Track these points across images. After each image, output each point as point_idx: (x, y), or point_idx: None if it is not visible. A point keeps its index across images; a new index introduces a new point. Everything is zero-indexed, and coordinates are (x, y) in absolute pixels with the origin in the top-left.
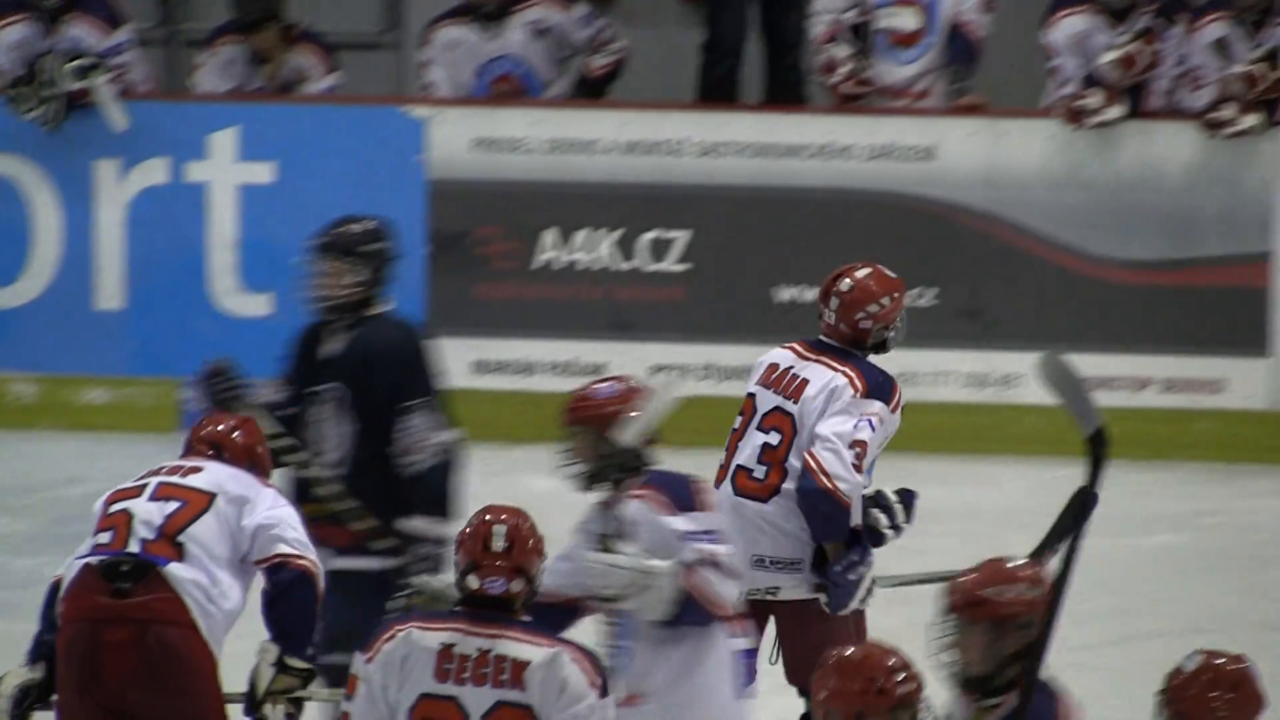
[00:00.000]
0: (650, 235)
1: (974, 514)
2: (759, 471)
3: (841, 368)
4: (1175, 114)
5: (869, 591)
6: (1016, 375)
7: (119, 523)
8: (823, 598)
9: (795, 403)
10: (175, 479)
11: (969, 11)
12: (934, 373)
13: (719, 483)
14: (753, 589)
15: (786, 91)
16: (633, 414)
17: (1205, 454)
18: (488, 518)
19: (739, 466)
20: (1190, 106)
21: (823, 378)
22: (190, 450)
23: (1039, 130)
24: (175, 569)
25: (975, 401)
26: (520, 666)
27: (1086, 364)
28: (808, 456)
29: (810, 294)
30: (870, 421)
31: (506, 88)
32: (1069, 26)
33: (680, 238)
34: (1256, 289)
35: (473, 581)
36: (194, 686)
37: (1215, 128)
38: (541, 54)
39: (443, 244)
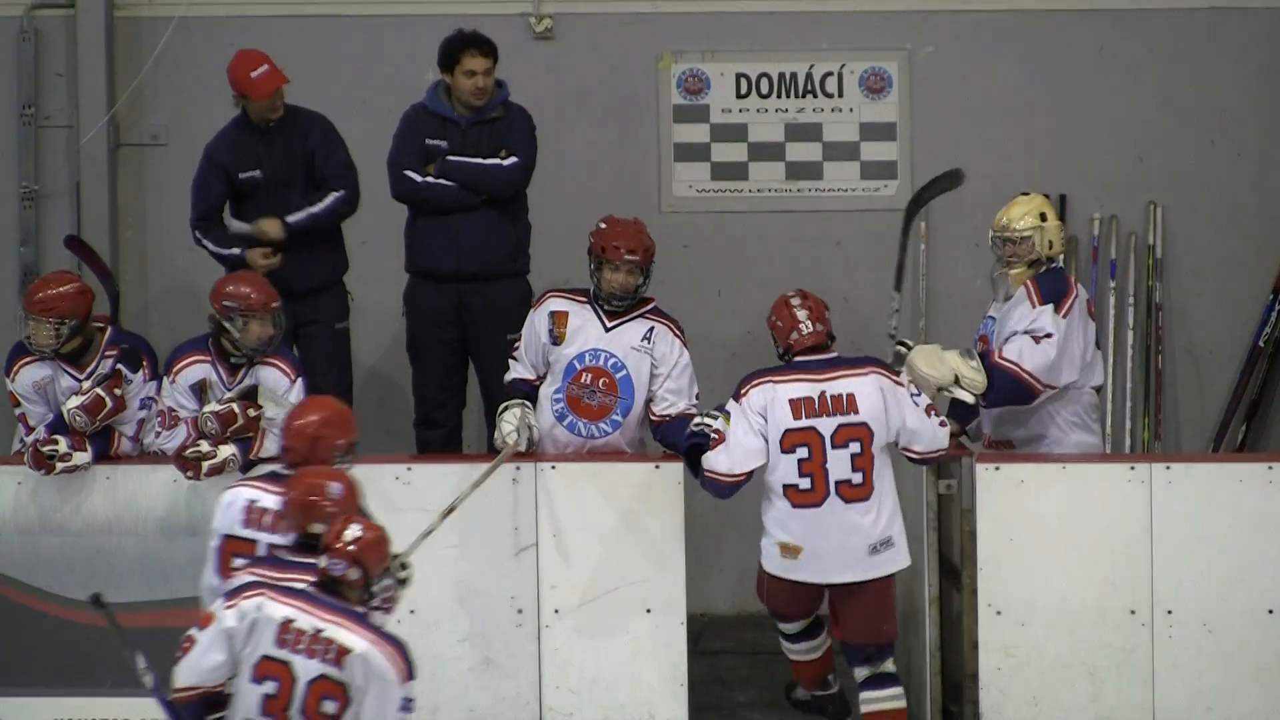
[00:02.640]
0: None
1: None
2: (857, 478)
3: (862, 370)
4: None
5: None
6: None
7: None
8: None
9: (859, 414)
10: None
11: None
12: None
13: (820, 500)
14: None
15: None
16: None
17: None
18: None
19: (837, 481)
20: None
21: (863, 384)
22: None
23: None
24: None
25: None
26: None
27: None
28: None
29: None
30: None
31: None
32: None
33: None
34: None
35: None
36: None
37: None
38: None
39: None
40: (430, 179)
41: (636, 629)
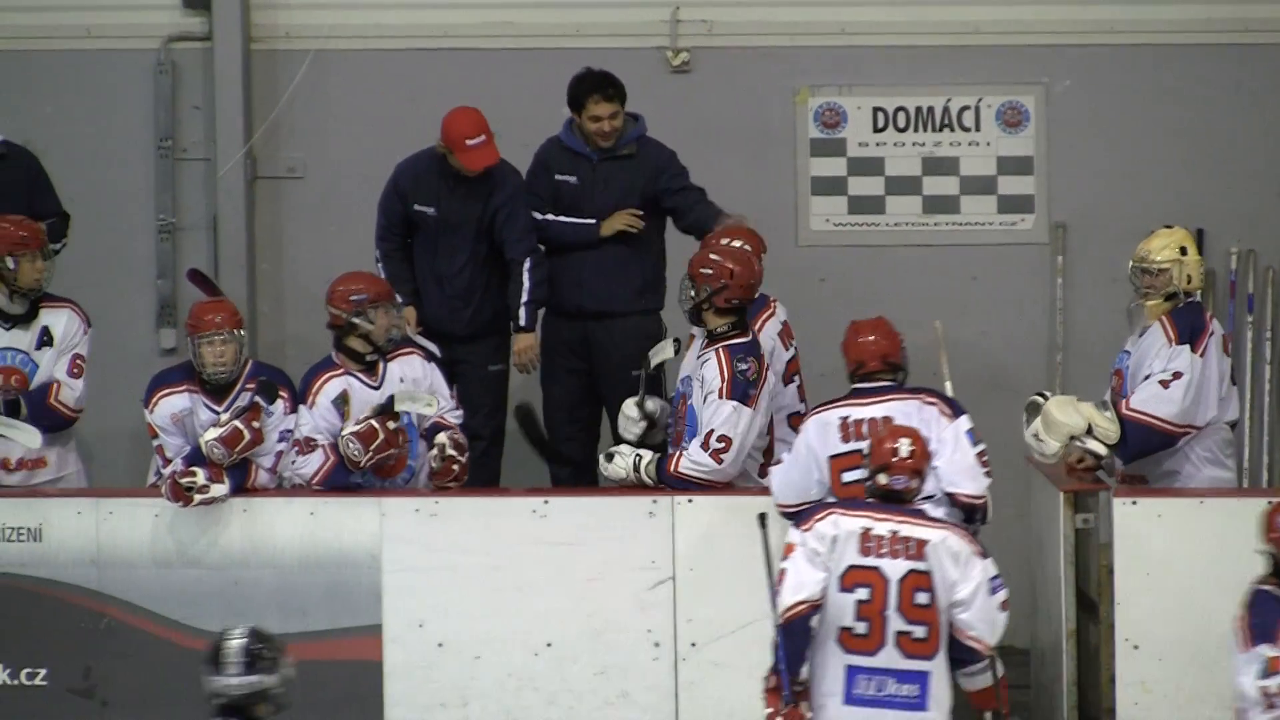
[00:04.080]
0: None
1: None
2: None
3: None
4: None
5: None
6: None
7: None
8: None
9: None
10: None
11: None
12: None
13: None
14: None
15: None
16: None
17: None
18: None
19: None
20: None
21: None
22: None
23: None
24: None
25: None
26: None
27: None
28: None
29: None
30: None
31: None
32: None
33: None
34: None
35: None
36: None
37: None
38: None
39: None
40: (551, 218)
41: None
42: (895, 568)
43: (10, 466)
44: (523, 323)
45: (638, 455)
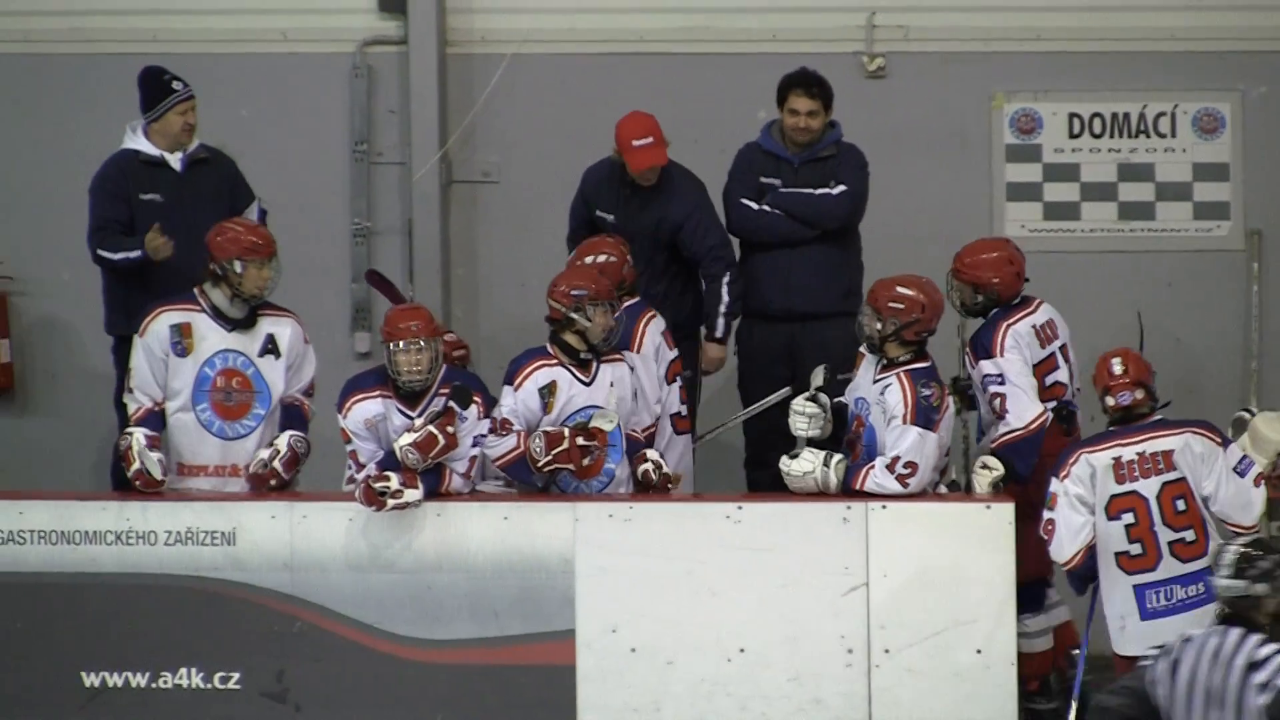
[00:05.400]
0: None
1: None
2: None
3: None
4: None
5: None
6: None
7: None
8: None
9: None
10: None
11: None
12: None
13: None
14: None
15: None
16: None
17: None
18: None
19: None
20: None
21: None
22: None
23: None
24: None
25: None
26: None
27: None
28: None
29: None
30: None
31: None
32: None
33: None
34: None
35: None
36: None
37: None
38: None
39: None
40: (765, 208)
41: (966, 670)
42: (1150, 486)
43: (237, 473)
44: (718, 334)
45: (827, 453)
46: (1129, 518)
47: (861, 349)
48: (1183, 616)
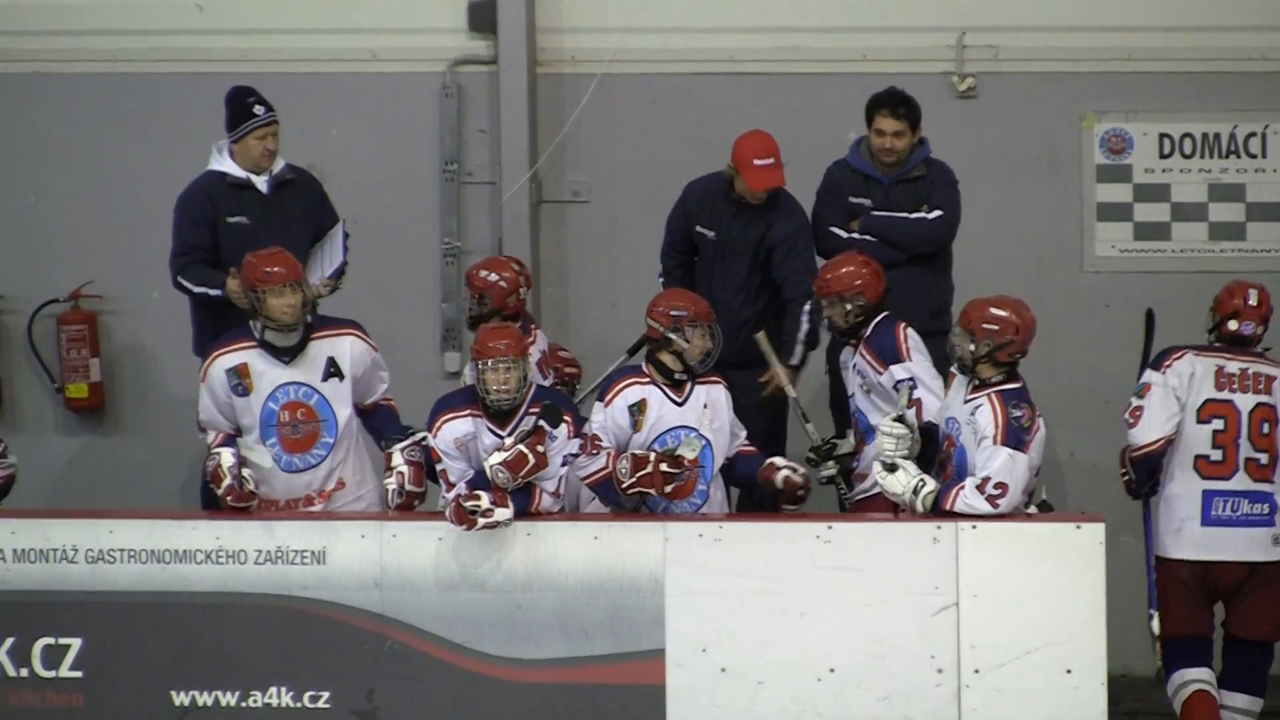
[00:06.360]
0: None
1: None
2: (1264, 459)
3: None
4: None
5: None
6: None
7: None
8: None
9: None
10: None
11: None
12: None
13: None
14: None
15: None
16: None
17: None
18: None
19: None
20: None
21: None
22: None
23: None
24: None
25: None
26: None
27: None
28: None
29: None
30: None
31: None
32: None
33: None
34: None
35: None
36: None
37: None
38: None
39: None
40: (854, 234)
41: (1057, 689)
42: (1246, 401)
43: (311, 503)
44: (795, 361)
45: (920, 480)
46: (1218, 424)
47: (952, 369)
48: (1242, 530)
